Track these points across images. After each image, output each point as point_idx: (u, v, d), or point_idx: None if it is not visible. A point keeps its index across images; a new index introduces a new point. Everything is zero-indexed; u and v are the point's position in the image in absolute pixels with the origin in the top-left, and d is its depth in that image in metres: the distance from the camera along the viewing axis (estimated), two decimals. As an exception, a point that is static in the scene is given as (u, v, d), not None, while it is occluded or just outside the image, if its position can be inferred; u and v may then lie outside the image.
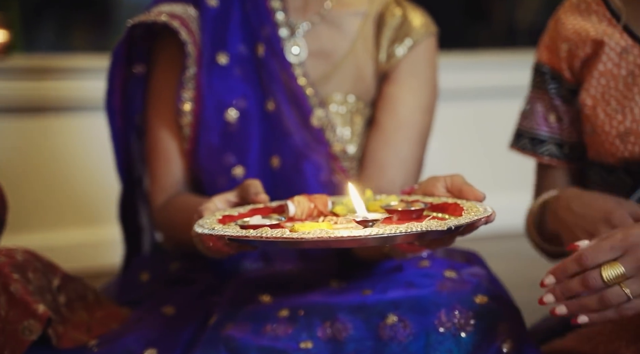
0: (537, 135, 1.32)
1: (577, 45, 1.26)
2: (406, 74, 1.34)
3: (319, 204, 1.04)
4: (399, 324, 1.08)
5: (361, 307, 1.11)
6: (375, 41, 1.36)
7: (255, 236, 0.90)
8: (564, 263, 0.85)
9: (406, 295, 1.12)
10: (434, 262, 1.24)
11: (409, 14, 1.36)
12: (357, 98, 1.35)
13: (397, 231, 0.86)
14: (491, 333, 1.06)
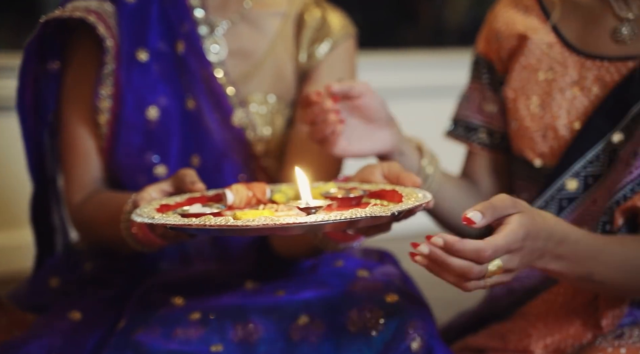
0: (471, 123, 1.35)
1: (505, 37, 1.29)
2: (326, 74, 1.35)
3: (257, 192, 1.03)
4: (310, 325, 1.08)
5: (273, 308, 1.11)
6: (295, 41, 1.36)
7: (198, 224, 0.88)
8: (465, 251, 0.84)
9: (318, 295, 1.12)
10: (348, 262, 1.25)
11: (328, 15, 1.37)
12: (278, 98, 1.35)
13: (342, 217, 0.85)
14: (401, 331, 1.07)
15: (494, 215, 0.86)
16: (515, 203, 0.88)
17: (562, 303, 1.19)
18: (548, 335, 1.19)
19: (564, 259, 0.97)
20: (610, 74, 1.17)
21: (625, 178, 1.11)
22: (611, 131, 1.15)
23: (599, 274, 1.02)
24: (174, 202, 1.01)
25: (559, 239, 0.94)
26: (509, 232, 0.86)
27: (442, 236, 0.84)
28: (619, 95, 1.15)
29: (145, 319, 1.12)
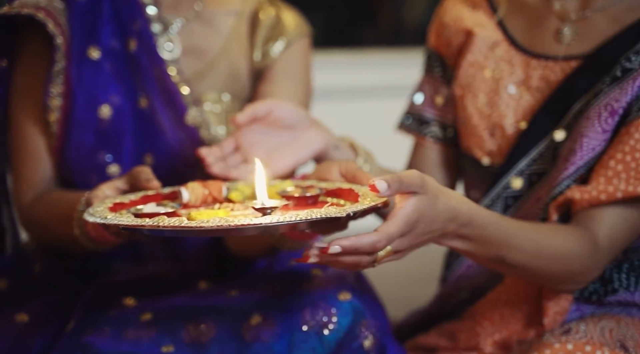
0: (423, 116, 1.35)
1: (453, 32, 1.30)
2: (281, 73, 1.34)
3: (213, 190, 1.02)
4: (263, 324, 1.08)
5: (226, 308, 1.11)
6: (250, 40, 1.35)
7: (152, 225, 0.86)
8: (361, 244, 0.83)
9: (271, 295, 1.12)
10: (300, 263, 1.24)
11: (282, 14, 1.37)
12: (232, 97, 1.34)
13: (298, 218, 0.84)
14: (354, 330, 1.07)
15: (399, 189, 0.85)
16: (423, 184, 0.87)
17: (506, 301, 1.21)
18: (496, 332, 1.20)
19: (470, 240, 0.97)
20: (554, 73, 1.19)
21: (562, 174, 1.13)
22: (554, 128, 1.17)
23: (511, 258, 1.02)
24: (129, 200, 1.00)
25: (463, 221, 0.93)
26: (402, 217, 0.86)
27: (339, 243, 0.84)
28: (561, 94, 1.17)
29: (95, 320, 1.10)
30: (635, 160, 1.07)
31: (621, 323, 1.13)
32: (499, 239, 0.99)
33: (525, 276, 1.09)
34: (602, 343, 1.08)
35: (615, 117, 1.10)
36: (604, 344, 1.07)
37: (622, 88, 1.10)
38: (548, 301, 1.15)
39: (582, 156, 1.11)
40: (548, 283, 1.11)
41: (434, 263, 1.40)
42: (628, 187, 1.06)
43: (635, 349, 1.09)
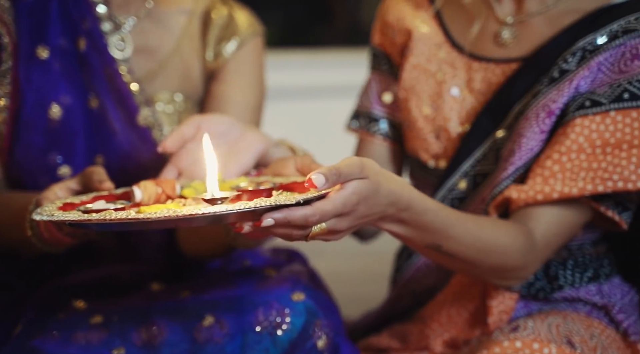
0: (372, 114, 1.35)
1: (396, 32, 1.30)
2: (234, 73, 1.34)
3: (167, 188, 1.00)
4: (215, 325, 1.07)
5: (178, 309, 1.09)
6: (202, 39, 1.34)
7: (98, 219, 0.83)
8: (293, 218, 0.82)
9: (224, 295, 1.11)
10: (255, 261, 1.24)
11: (235, 13, 1.36)
12: (185, 97, 1.33)
13: (247, 206, 0.82)
14: (307, 330, 1.07)
15: (338, 180, 0.85)
16: (362, 169, 0.87)
17: (453, 302, 1.22)
18: (444, 332, 1.22)
19: (408, 225, 0.97)
20: (496, 76, 1.20)
21: (502, 175, 1.14)
22: (496, 130, 1.18)
23: (448, 248, 1.02)
24: (80, 201, 0.98)
25: (402, 206, 0.93)
26: (339, 198, 0.85)
27: (271, 216, 0.83)
28: (502, 95, 1.18)
29: (43, 323, 1.08)
30: (571, 160, 1.08)
31: (567, 318, 1.15)
32: (437, 226, 0.99)
33: (461, 267, 1.10)
34: (549, 339, 1.09)
35: (553, 118, 1.11)
36: (551, 341, 1.09)
37: (559, 89, 1.11)
38: (492, 300, 1.16)
39: (521, 156, 1.12)
40: (484, 275, 1.11)
41: (387, 262, 1.40)
42: (564, 188, 1.07)
43: (581, 345, 1.10)
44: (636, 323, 1.18)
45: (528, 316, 1.16)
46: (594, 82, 1.10)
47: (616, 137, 1.07)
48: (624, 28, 1.10)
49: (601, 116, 1.07)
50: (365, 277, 1.83)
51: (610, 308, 1.18)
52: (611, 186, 1.06)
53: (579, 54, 1.12)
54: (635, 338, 1.16)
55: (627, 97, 1.07)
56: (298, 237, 0.87)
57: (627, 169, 1.05)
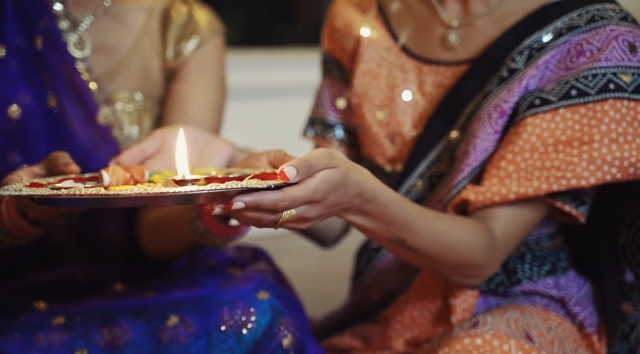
0: (326, 120, 1.35)
1: (345, 37, 1.30)
2: (194, 72, 1.33)
3: (135, 173, 0.99)
4: (180, 325, 1.06)
5: (142, 310, 1.08)
6: (161, 38, 1.33)
7: (68, 194, 0.81)
8: (263, 202, 0.83)
9: (189, 295, 1.10)
10: (220, 260, 1.23)
11: (194, 12, 1.35)
12: (145, 96, 1.32)
13: (218, 187, 0.80)
14: (272, 329, 1.07)
15: (308, 172, 0.85)
16: (331, 160, 0.87)
17: (415, 303, 1.23)
18: (406, 332, 1.23)
19: (371, 218, 0.97)
20: (446, 78, 1.20)
21: (458, 176, 1.14)
22: (449, 131, 1.18)
23: (412, 242, 1.02)
24: (46, 181, 0.96)
25: (368, 197, 0.93)
26: (310, 185, 0.86)
27: (241, 199, 0.83)
28: (453, 97, 1.18)
29: (3, 325, 1.06)
30: (525, 160, 1.09)
31: (525, 312, 1.16)
32: (400, 220, 0.99)
33: (425, 263, 1.10)
34: (508, 334, 1.10)
35: (505, 118, 1.12)
36: (511, 336, 1.10)
37: (509, 88, 1.12)
38: (455, 299, 1.17)
39: (476, 157, 1.13)
40: (447, 272, 1.12)
41: (351, 262, 1.40)
42: (520, 188, 1.08)
43: (539, 338, 1.12)
44: (592, 315, 1.20)
45: (487, 312, 1.17)
46: (542, 79, 1.10)
47: (567, 134, 1.07)
48: (568, 25, 1.11)
49: (551, 114, 1.08)
50: (329, 276, 1.83)
51: (567, 301, 1.19)
52: (565, 184, 1.06)
53: (527, 53, 1.12)
54: (591, 329, 1.19)
55: (574, 93, 1.07)
56: (268, 223, 0.87)
57: (580, 166, 1.05)
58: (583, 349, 1.16)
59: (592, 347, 1.18)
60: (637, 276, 1.16)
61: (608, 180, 1.05)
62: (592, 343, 1.18)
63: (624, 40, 1.08)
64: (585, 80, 1.07)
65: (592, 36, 1.08)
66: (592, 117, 1.06)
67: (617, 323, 1.18)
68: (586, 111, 1.07)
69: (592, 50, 1.08)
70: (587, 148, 1.06)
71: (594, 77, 1.07)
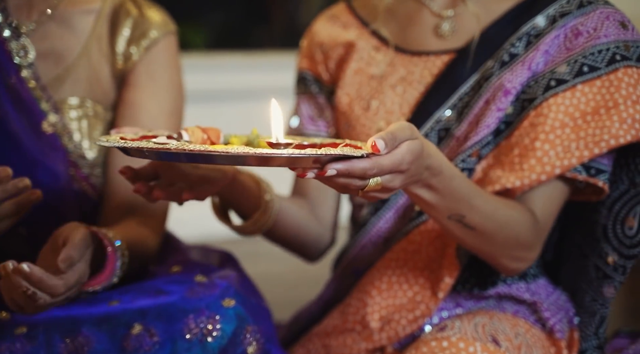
0: (305, 134, 1.35)
1: (331, 48, 1.32)
2: (145, 77, 1.26)
3: (212, 135, 1.00)
4: (144, 334, 1.04)
5: (106, 318, 1.06)
6: (110, 41, 1.27)
7: (198, 149, 0.82)
8: (354, 169, 0.86)
9: (154, 303, 1.07)
10: (185, 268, 1.21)
11: (145, 12, 1.28)
12: (95, 102, 1.26)
13: (317, 152, 0.83)
14: (237, 336, 1.05)
15: (394, 144, 0.89)
16: (412, 131, 0.91)
17: (394, 269, 1.21)
18: (383, 306, 1.20)
19: (436, 191, 0.99)
20: (436, 66, 1.23)
21: (458, 150, 1.17)
22: (439, 109, 1.20)
23: (470, 218, 1.04)
24: (129, 137, 0.96)
25: (435, 170, 0.96)
26: (397, 155, 0.89)
27: (334, 166, 0.86)
28: (445, 79, 1.21)
29: (-36, 337, 1.03)
30: (559, 137, 1.11)
31: (494, 318, 1.16)
32: (462, 195, 1.02)
33: (478, 243, 1.10)
34: (475, 338, 1.10)
35: (509, 97, 1.15)
36: (477, 340, 1.10)
37: (513, 70, 1.16)
38: (442, 268, 1.17)
39: (478, 133, 1.16)
40: (498, 253, 1.12)
41: (321, 265, 1.39)
42: (563, 161, 1.10)
43: (506, 343, 1.12)
44: (561, 322, 1.20)
45: (456, 317, 1.17)
46: (546, 63, 1.15)
47: (591, 105, 1.11)
48: (560, 12, 1.16)
49: (571, 92, 1.12)
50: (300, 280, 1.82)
51: (538, 305, 1.20)
52: (605, 145, 1.09)
53: (525, 39, 1.17)
54: (560, 335, 1.18)
55: (586, 70, 1.12)
56: (354, 189, 0.90)
57: (613, 127, 1.09)
58: (551, 356, 1.16)
59: (560, 353, 1.17)
60: (621, 255, 1.18)
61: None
62: (561, 348, 1.18)
63: (614, 19, 1.14)
64: (592, 57, 1.12)
65: (585, 19, 1.14)
66: (609, 86, 1.11)
67: (594, 310, 1.21)
68: (602, 83, 1.12)
69: (589, 31, 1.14)
70: (615, 111, 1.10)
71: (600, 52, 1.12)
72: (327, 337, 1.25)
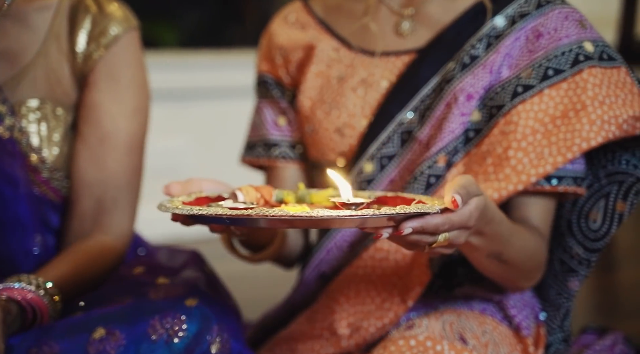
0: (269, 140, 1.32)
1: (290, 51, 1.29)
2: (105, 76, 1.21)
3: (265, 194, 1.01)
4: (108, 337, 1.01)
5: (69, 326, 1.03)
6: (69, 39, 1.21)
7: (276, 215, 0.83)
8: (429, 225, 0.87)
9: (117, 307, 1.06)
10: (148, 269, 1.19)
11: (105, 8, 1.22)
12: (55, 104, 1.20)
13: (393, 212, 0.83)
14: (202, 335, 1.03)
15: (468, 199, 0.89)
16: (477, 187, 0.91)
17: (362, 276, 1.20)
18: (351, 313, 1.19)
19: (484, 236, 0.99)
20: (397, 67, 1.21)
21: (422, 157, 1.16)
22: (401, 112, 1.19)
23: (507, 255, 1.04)
24: (187, 201, 0.98)
25: (488, 218, 0.96)
26: (466, 212, 0.89)
27: (409, 225, 0.86)
28: (407, 81, 1.19)
29: None
30: (531, 143, 1.10)
31: (462, 316, 1.15)
32: (505, 235, 1.02)
33: (507, 273, 1.10)
34: (442, 336, 1.09)
35: (472, 101, 1.14)
36: (444, 338, 1.09)
37: (474, 74, 1.15)
38: (411, 277, 1.16)
39: (443, 138, 1.15)
40: (521, 278, 1.13)
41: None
42: (538, 169, 1.10)
43: (473, 341, 1.11)
44: (528, 318, 1.20)
45: (424, 315, 1.16)
46: (510, 68, 1.14)
47: (559, 109, 1.11)
48: (519, 12, 1.15)
49: (538, 97, 1.12)
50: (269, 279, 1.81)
51: (505, 303, 1.19)
52: (577, 149, 1.09)
53: (485, 41, 1.15)
54: (527, 332, 1.18)
55: (551, 73, 1.12)
56: (423, 245, 0.90)
57: (584, 130, 1.09)
58: (517, 353, 1.15)
59: (527, 350, 1.17)
60: (585, 249, 1.18)
61: (611, 138, 1.09)
62: (527, 345, 1.17)
63: (573, 19, 1.14)
64: (556, 59, 1.12)
65: (544, 20, 1.14)
66: (575, 88, 1.11)
67: (559, 304, 1.22)
68: (568, 85, 1.11)
69: (550, 32, 1.13)
70: (584, 113, 1.09)
71: (563, 54, 1.12)
72: (294, 341, 1.23)
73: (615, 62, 1.13)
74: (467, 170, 1.15)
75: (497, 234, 1.00)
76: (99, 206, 1.21)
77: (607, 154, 1.18)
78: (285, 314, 1.30)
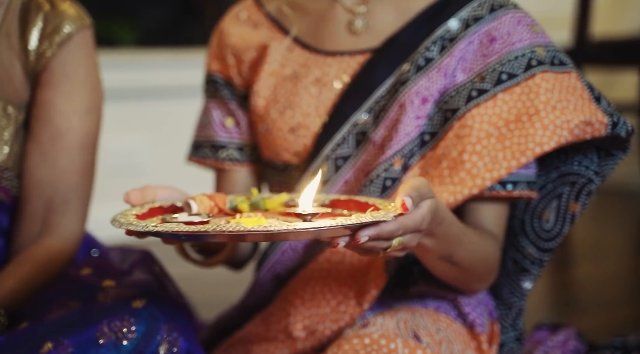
0: (217, 142, 1.30)
1: (243, 51, 1.27)
2: (58, 75, 1.18)
3: (219, 202, 0.99)
4: (56, 349, 0.98)
5: (15, 344, 1.00)
6: (21, 37, 1.17)
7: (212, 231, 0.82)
8: (383, 232, 0.86)
9: (64, 316, 1.03)
10: (96, 271, 1.16)
11: (57, 6, 1.19)
12: (6, 102, 1.17)
13: (348, 222, 0.83)
14: (151, 335, 1.01)
15: (419, 202, 0.89)
16: (430, 189, 0.90)
17: (318, 279, 1.18)
18: (306, 316, 1.18)
19: (436, 238, 0.99)
20: (351, 67, 1.20)
21: (378, 159, 1.15)
22: (355, 113, 1.18)
23: (458, 257, 1.04)
24: (140, 213, 0.94)
25: (439, 219, 0.96)
26: (417, 215, 0.88)
27: (365, 233, 0.85)
28: (361, 82, 1.18)
29: None
30: (485, 147, 1.10)
31: (416, 314, 1.15)
32: (457, 237, 1.02)
33: (459, 275, 1.10)
34: (396, 334, 1.08)
35: (427, 105, 1.14)
36: (398, 336, 1.08)
37: (429, 77, 1.14)
38: (367, 278, 1.15)
39: (399, 141, 1.13)
40: (473, 281, 1.13)
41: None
42: (493, 173, 1.09)
43: (427, 338, 1.10)
44: (482, 316, 1.20)
45: (379, 314, 1.15)
46: (465, 72, 1.14)
47: (513, 113, 1.11)
48: (473, 15, 1.15)
49: (492, 101, 1.12)
50: (223, 280, 1.79)
51: (459, 301, 1.19)
52: (530, 154, 1.08)
53: (439, 43, 1.15)
54: (480, 329, 1.18)
55: (505, 78, 1.12)
56: (377, 252, 0.89)
57: (537, 135, 1.09)
58: (471, 350, 1.16)
59: (480, 347, 1.17)
60: (538, 248, 1.19)
61: (563, 143, 1.09)
62: (480, 341, 1.17)
63: (525, 23, 1.14)
64: (509, 64, 1.12)
65: (498, 24, 1.14)
66: (529, 93, 1.11)
67: (511, 303, 1.22)
68: (521, 90, 1.11)
69: (503, 36, 1.13)
70: (537, 118, 1.09)
71: (516, 59, 1.12)
72: (249, 343, 1.21)
73: (566, 67, 1.14)
74: (422, 173, 1.14)
75: (448, 236, 1.00)
76: (49, 206, 1.18)
77: (560, 155, 1.18)
78: (240, 315, 1.27)
